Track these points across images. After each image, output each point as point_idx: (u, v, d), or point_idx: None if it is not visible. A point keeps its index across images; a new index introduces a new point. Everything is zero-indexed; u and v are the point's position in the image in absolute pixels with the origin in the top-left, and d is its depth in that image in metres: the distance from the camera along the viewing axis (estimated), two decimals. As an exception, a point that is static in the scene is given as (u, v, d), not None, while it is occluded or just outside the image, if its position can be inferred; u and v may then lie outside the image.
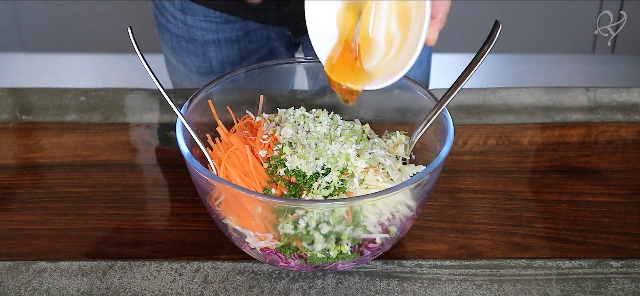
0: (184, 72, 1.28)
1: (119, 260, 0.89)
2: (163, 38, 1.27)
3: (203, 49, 1.23)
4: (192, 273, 0.87)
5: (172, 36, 1.25)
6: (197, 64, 1.25)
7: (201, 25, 1.21)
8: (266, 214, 0.80)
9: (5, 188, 1.00)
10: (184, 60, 1.26)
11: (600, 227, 0.93)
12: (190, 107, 0.89)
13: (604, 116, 1.12)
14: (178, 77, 1.30)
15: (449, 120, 0.86)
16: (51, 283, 0.86)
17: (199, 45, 1.23)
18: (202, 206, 0.88)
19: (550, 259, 0.89)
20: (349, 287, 0.85)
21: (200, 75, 1.26)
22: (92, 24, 2.58)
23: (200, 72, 1.26)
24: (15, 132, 1.10)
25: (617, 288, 0.85)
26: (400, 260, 0.89)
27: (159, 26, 1.26)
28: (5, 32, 2.59)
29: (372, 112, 0.97)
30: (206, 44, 1.22)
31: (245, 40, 1.23)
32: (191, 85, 1.29)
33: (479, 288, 0.85)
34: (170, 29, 1.24)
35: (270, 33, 1.24)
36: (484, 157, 1.04)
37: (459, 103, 1.14)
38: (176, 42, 1.25)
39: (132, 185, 1.00)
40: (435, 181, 0.84)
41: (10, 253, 0.90)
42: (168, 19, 1.23)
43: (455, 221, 0.94)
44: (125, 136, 1.09)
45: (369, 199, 0.79)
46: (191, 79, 1.28)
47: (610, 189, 0.99)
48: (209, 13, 1.19)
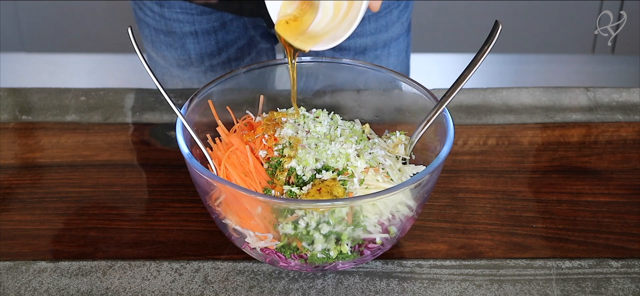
0: (164, 66, 1.28)
1: (119, 260, 0.89)
2: (143, 33, 1.28)
3: (181, 42, 1.24)
4: (192, 273, 0.87)
5: (150, 30, 1.25)
6: (176, 57, 1.26)
7: (178, 18, 1.21)
8: (266, 214, 0.80)
9: (5, 188, 1.00)
10: (164, 53, 1.26)
11: (600, 227, 0.93)
12: (190, 107, 0.89)
13: (604, 116, 1.12)
14: (159, 72, 1.30)
15: (449, 120, 0.86)
16: (51, 283, 0.86)
17: (177, 38, 1.23)
18: (202, 206, 0.88)
19: (550, 259, 0.89)
20: (349, 287, 0.85)
21: (180, 68, 1.27)
22: (92, 23, 2.58)
23: (179, 65, 1.26)
24: (15, 132, 1.10)
25: (617, 288, 0.85)
26: (400, 260, 0.89)
27: (138, 21, 1.27)
28: (5, 32, 2.59)
29: (372, 112, 0.97)
30: (184, 36, 1.23)
31: (222, 31, 1.23)
32: (172, 79, 1.29)
33: (479, 288, 0.85)
34: (148, 23, 1.25)
35: (246, 23, 1.25)
36: (484, 157, 1.04)
37: (459, 103, 1.14)
38: (155, 36, 1.25)
39: (132, 185, 1.00)
40: (435, 181, 0.84)
41: (10, 253, 0.90)
42: (146, 12, 1.24)
43: (455, 221, 0.94)
44: (125, 136, 1.09)
45: (369, 199, 0.79)
46: (171, 72, 1.28)
47: (610, 189, 0.99)
48: (185, 5, 1.20)
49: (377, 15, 1.23)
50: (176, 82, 1.29)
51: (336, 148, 0.86)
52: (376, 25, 1.24)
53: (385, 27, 1.24)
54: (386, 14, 1.23)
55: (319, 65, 0.98)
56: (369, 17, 1.23)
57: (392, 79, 0.94)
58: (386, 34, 1.25)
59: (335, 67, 0.97)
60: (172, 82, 1.30)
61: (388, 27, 1.24)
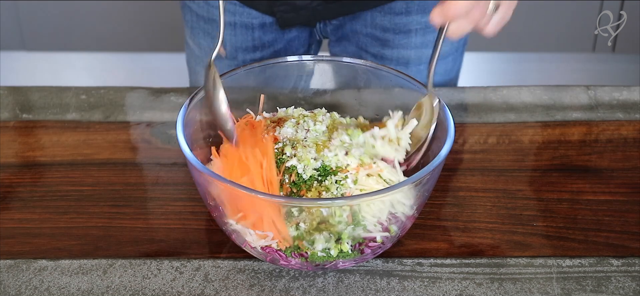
0: (198, 55, 1.27)
1: (120, 259, 0.89)
2: (184, 18, 1.27)
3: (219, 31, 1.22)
4: (193, 272, 0.87)
5: (192, 15, 1.24)
6: (211, 46, 1.24)
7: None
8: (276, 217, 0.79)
9: (6, 186, 1.00)
10: (200, 42, 1.25)
11: (600, 225, 0.93)
12: (190, 105, 0.89)
13: (604, 114, 1.12)
14: (193, 61, 1.29)
15: (450, 118, 0.86)
16: (52, 282, 0.86)
17: (217, 26, 1.22)
18: (203, 205, 0.88)
19: (551, 257, 0.89)
20: (349, 286, 0.85)
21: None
22: (93, 22, 2.58)
23: None
24: (15, 130, 1.10)
25: (618, 286, 0.85)
26: (400, 258, 0.89)
27: (183, 7, 1.26)
28: (6, 30, 2.59)
29: (373, 110, 0.97)
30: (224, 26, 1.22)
31: (260, 29, 1.22)
32: (203, 69, 1.28)
33: (480, 287, 0.85)
34: (192, 8, 1.23)
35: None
36: (485, 155, 1.04)
37: (459, 101, 1.14)
38: (196, 22, 1.24)
39: (133, 184, 1.00)
40: (435, 180, 0.84)
41: (11, 252, 0.90)
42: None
43: (456, 220, 0.94)
44: (126, 134, 1.09)
45: (369, 199, 0.79)
46: (204, 62, 1.27)
47: (611, 188, 0.99)
48: None
49: (426, 30, 1.19)
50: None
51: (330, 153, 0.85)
52: (423, 39, 1.20)
53: (432, 42, 1.21)
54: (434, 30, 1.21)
55: (320, 64, 0.98)
56: (417, 31, 1.20)
57: (392, 77, 0.94)
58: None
59: (335, 66, 0.97)
60: (203, 73, 1.29)
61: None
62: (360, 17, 1.20)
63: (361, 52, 1.22)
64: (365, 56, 1.22)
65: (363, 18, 1.20)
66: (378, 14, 1.18)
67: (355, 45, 1.22)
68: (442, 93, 1.13)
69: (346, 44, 1.24)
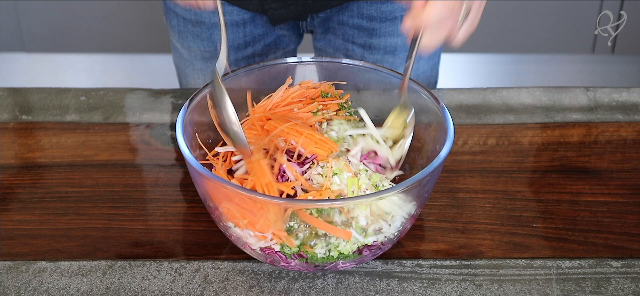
0: (188, 58, 1.27)
1: (119, 260, 0.89)
2: (170, 23, 1.27)
3: (209, 33, 1.23)
4: (192, 273, 0.87)
5: (179, 20, 1.24)
6: (201, 48, 1.25)
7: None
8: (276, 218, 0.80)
9: (5, 187, 1.00)
10: (189, 44, 1.25)
11: (600, 227, 0.93)
12: (190, 107, 0.89)
13: (604, 115, 1.12)
14: (183, 64, 1.29)
15: (449, 120, 0.86)
16: (51, 283, 0.86)
17: (206, 28, 1.22)
18: (202, 206, 0.88)
19: (550, 259, 0.89)
20: (349, 287, 0.85)
21: (204, 60, 1.26)
22: (92, 23, 2.58)
23: (204, 57, 1.25)
24: (15, 132, 1.10)
25: (617, 288, 0.85)
26: (400, 259, 0.89)
27: (167, 12, 1.26)
28: (6, 31, 2.59)
29: (372, 112, 0.96)
30: (213, 27, 1.22)
31: (250, 24, 1.22)
32: (194, 72, 1.28)
33: (479, 288, 0.85)
34: (178, 13, 1.24)
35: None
36: (484, 157, 1.04)
37: (459, 103, 1.14)
38: (183, 26, 1.24)
39: (132, 185, 1.00)
40: (435, 181, 0.84)
41: (10, 253, 0.90)
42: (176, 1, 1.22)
43: (455, 221, 0.94)
44: (125, 135, 1.09)
45: (368, 200, 0.79)
46: (194, 65, 1.27)
47: (610, 189, 0.99)
48: None
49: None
50: (198, 75, 1.28)
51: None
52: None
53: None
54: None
55: (319, 65, 0.98)
56: (402, 17, 1.21)
57: (391, 79, 0.94)
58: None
59: (335, 67, 0.97)
60: (194, 76, 1.29)
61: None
62: (347, 8, 1.21)
63: (348, 45, 1.23)
64: (352, 48, 1.22)
65: (350, 9, 1.20)
66: (364, 4, 1.19)
67: (342, 37, 1.23)
68: (443, 94, 1.14)
69: (332, 37, 1.24)
